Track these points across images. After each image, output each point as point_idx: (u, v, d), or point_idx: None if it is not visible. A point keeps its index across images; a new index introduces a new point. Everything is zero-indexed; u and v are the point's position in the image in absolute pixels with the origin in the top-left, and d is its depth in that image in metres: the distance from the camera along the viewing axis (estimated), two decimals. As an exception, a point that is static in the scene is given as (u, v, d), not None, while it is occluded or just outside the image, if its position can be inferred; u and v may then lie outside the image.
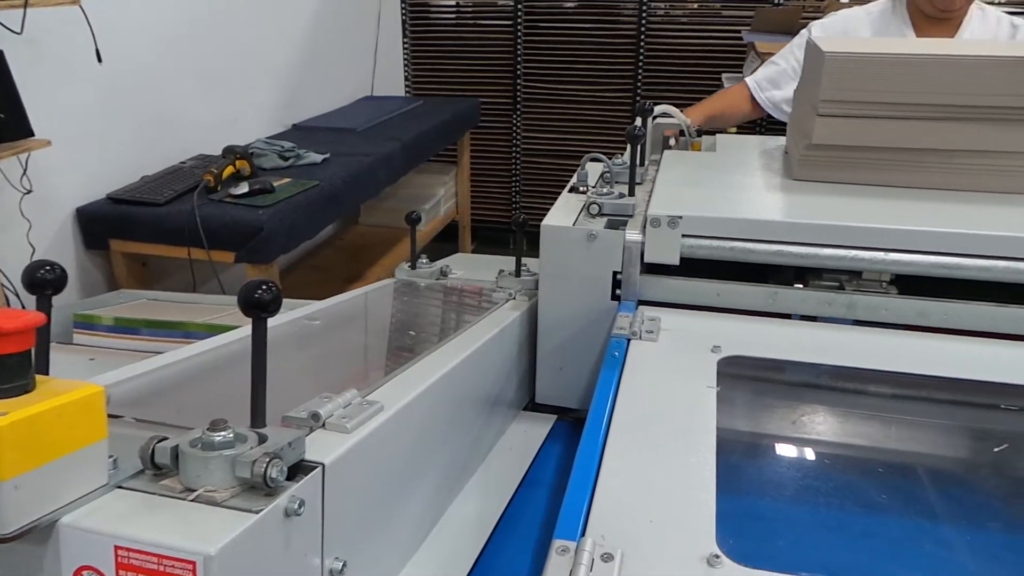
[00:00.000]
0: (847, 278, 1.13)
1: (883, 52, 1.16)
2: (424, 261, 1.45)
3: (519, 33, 4.23)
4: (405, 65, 4.48)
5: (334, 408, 0.71)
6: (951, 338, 1.08)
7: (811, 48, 1.29)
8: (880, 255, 1.09)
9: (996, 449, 0.96)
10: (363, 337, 1.28)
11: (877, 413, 1.05)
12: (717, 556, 0.69)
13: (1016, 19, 1.96)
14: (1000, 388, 0.97)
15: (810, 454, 0.97)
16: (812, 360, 1.03)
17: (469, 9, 4.47)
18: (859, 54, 1.16)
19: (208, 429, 0.59)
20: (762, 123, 4.02)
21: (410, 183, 3.72)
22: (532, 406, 1.31)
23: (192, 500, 0.57)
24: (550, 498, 1.02)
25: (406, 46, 4.44)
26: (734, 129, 3.62)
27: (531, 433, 1.22)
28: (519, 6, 4.17)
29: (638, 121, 1.36)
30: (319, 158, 2.78)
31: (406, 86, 4.52)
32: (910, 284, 1.12)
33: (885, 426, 1.04)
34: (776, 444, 0.99)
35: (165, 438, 0.60)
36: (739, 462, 0.92)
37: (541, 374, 1.27)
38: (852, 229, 1.10)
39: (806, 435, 0.99)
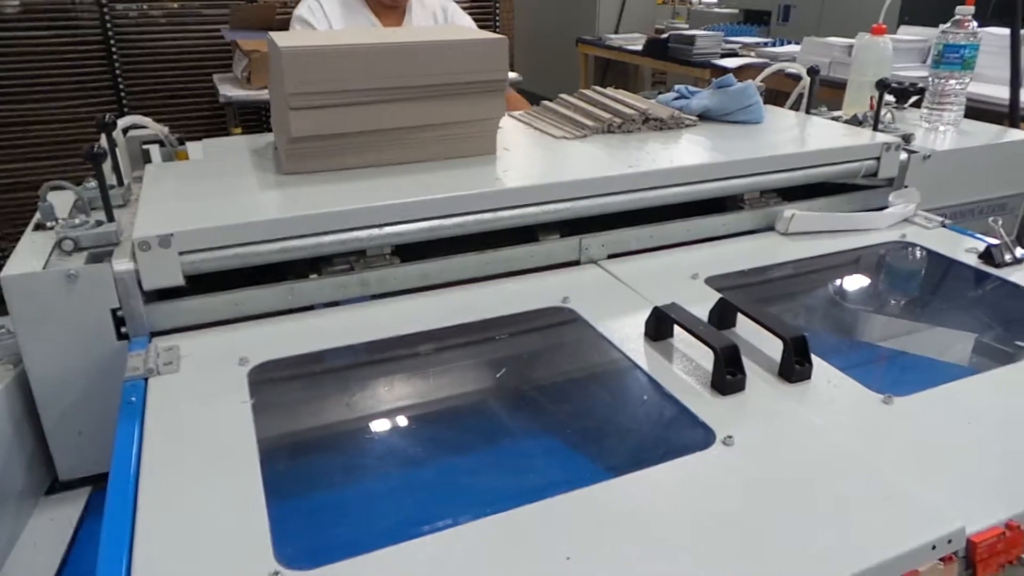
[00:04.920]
0: (355, 258, 1.19)
1: (332, 44, 1.22)
2: None
3: (-53, 48, 3.45)
4: None
5: None
6: (453, 290, 1.22)
7: (271, 44, 1.30)
8: (376, 231, 1.17)
9: (497, 375, 1.13)
10: None
11: (410, 374, 1.14)
12: (277, 572, 0.68)
13: (446, 2, 2.26)
14: (493, 322, 1.13)
15: (355, 432, 1.00)
16: (340, 344, 1.07)
17: None
18: (312, 47, 1.21)
19: None
20: (266, 119, 4.02)
21: None
22: (59, 485, 1.11)
23: None
24: (96, 584, 0.88)
25: None
26: (239, 130, 3.54)
27: (60, 519, 1.04)
28: (-64, 15, 3.39)
29: (103, 139, 1.21)
30: None
31: None
32: (410, 251, 1.23)
33: (418, 383, 1.13)
34: (322, 434, 1.00)
35: None
36: (289, 466, 0.91)
37: (56, 447, 1.08)
38: (348, 212, 1.16)
39: (349, 416, 1.02)
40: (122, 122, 1.33)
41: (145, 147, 1.39)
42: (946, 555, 0.72)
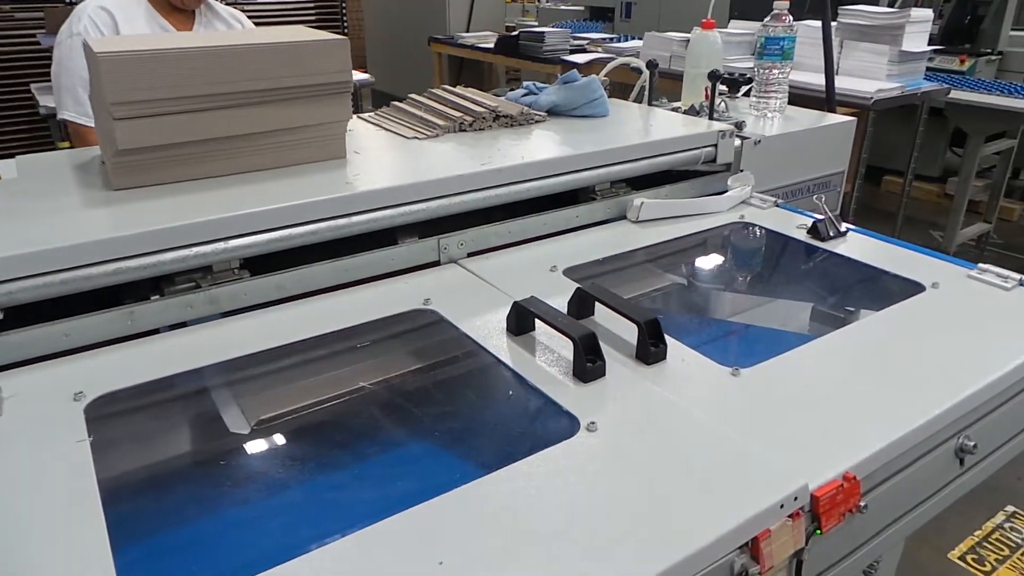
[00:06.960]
0: (201, 275, 1.12)
1: (157, 48, 1.14)
2: None
3: None
4: None
5: None
6: (310, 300, 1.18)
7: (87, 50, 1.20)
8: (222, 244, 1.11)
9: (362, 384, 1.10)
10: None
11: (270, 392, 1.09)
12: (126, 622, 0.62)
13: (230, 8, 2.13)
14: (354, 330, 1.10)
15: (211, 460, 0.95)
16: (190, 367, 1.00)
17: None
18: (134, 52, 1.12)
19: None
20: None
21: None
22: None
23: None
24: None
25: None
26: (67, 144, 3.26)
27: None
28: None
29: None
30: None
31: None
32: (262, 263, 1.17)
33: (280, 400, 1.08)
34: (175, 466, 0.94)
35: None
36: (138, 505, 0.85)
37: None
38: (188, 227, 1.08)
39: (204, 444, 0.96)
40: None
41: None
42: (794, 511, 0.77)
